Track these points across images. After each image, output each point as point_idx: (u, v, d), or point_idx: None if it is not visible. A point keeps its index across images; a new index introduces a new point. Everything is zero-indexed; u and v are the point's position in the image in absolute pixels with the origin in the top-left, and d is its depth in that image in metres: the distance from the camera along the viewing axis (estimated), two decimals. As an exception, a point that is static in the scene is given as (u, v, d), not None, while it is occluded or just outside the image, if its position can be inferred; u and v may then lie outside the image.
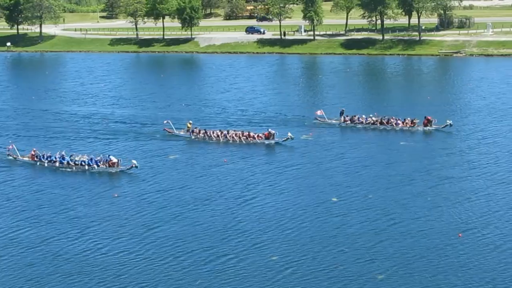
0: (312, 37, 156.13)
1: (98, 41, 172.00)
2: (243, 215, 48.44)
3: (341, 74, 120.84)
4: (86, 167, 60.45)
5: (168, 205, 50.88)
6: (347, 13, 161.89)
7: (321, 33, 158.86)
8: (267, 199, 51.62)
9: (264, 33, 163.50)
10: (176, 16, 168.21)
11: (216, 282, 38.34)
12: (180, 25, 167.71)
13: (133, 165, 58.99)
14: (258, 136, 69.36)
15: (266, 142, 68.65)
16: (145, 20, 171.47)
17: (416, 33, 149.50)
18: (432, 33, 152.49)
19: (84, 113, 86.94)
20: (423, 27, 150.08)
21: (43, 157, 62.61)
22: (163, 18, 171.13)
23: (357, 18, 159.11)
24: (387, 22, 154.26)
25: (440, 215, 47.09)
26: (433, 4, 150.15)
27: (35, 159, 62.95)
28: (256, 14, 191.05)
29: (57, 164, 61.55)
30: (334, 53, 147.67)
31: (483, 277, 37.90)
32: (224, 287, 37.85)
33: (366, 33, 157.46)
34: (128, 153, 65.37)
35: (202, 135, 71.22)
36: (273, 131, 69.33)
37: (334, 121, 76.62)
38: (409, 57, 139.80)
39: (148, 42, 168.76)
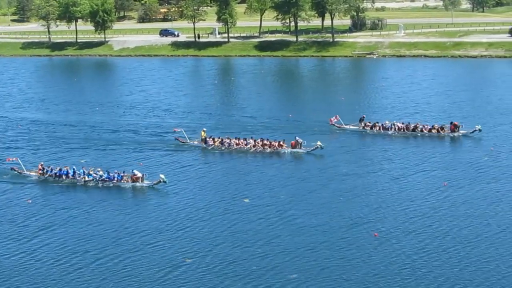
0: (226, 40, 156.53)
1: (9, 45, 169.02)
2: (152, 215, 48.55)
3: (254, 76, 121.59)
4: (100, 182, 55.83)
5: (67, 207, 50.50)
6: (261, 15, 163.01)
7: (236, 35, 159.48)
8: (171, 200, 51.72)
9: (178, 35, 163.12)
10: (89, 19, 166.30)
11: (113, 281, 38.25)
12: (93, 28, 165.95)
13: (161, 180, 54.18)
14: (279, 144, 64.85)
15: (294, 151, 64.14)
16: (58, 23, 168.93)
17: (330, 35, 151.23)
18: (346, 34, 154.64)
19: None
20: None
21: (51, 171, 57.80)
22: (76, 21, 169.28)
23: (271, 20, 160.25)
24: (300, 24, 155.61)
25: (333, 211, 47.93)
26: (346, 6, 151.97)
27: (41, 173, 58.03)
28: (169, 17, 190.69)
29: (64, 178, 57.09)
30: (249, 55, 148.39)
31: (371, 270, 38.78)
32: (117, 286, 37.77)
33: (280, 35, 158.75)
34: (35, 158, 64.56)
35: (219, 144, 66.60)
36: (300, 140, 64.74)
37: (351, 127, 72.98)
38: (323, 59, 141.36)
39: (61, 46, 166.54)
